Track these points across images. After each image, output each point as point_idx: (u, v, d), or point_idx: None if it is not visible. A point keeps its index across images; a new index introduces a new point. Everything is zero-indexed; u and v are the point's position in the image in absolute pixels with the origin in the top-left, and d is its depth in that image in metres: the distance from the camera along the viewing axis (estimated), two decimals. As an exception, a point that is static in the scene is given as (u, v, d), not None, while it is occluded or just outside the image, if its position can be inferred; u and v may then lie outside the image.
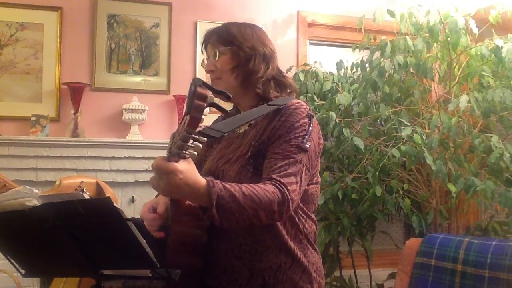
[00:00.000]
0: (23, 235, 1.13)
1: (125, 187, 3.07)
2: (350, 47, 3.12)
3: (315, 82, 2.99)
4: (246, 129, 1.38)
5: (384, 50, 2.72)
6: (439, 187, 2.73)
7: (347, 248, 3.12)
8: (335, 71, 3.10)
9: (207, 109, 1.06)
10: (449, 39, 2.65)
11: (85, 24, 3.22)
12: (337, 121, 2.68)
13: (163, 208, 1.27)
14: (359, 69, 2.95)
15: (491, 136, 2.37)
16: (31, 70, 3.11)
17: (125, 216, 1.02)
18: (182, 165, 1.05)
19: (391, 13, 2.82)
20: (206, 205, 1.11)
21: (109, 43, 3.25)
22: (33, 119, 3.00)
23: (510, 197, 2.32)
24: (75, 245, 1.08)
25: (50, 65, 3.13)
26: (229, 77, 1.36)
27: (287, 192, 1.17)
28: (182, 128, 1.01)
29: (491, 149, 2.33)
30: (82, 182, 1.92)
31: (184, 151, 1.03)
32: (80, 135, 3.05)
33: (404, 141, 2.46)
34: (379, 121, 2.99)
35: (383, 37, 2.82)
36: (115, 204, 1.00)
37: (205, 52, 1.43)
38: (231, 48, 1.36)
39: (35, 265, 1.20)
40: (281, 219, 1.22)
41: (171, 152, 1.04)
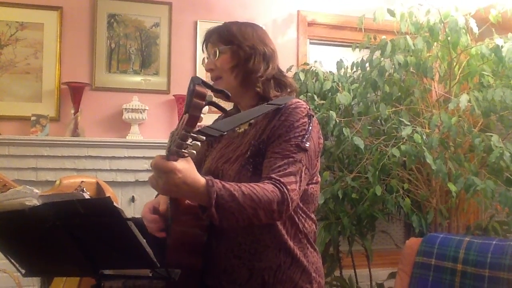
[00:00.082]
0: (23, 235, 1.13)
1: (125, 187, 3.07)
2: (350, 46, 3.11)
3: (315, 81, 2.99)
4: (246, 128, 1.38)
5: (384, 50, 2.72)
6: (439, 186, 2.73)
7: (347, 247, 3.11)
8: (335, 70, 3.10)
9: (206, 108, 1.05)
10: (449, 38, 2.64)
11: (85, 23, 3.22)
12: (337, 121, 2.68)
13: (165, 206, 1.26)
14: (359, 68, 2.95)
15: (491, 136, 2.37)
16: (31, 70, 3.11)
17: (125, 216, 1.02)
18: (180, 164, 1.05)
19: (391, 13, 2.81)
20: (205, 204, 1.11)
21: (109, 42, 3.25)
22: (33, 119, 3.00)
23: (510, 196, 2.32)
24: (75, 244, 1.08)
25: (50, 64, 3.13)
26: (229, 76, 1.36)
27: (286, 192, 1.17)
28: (180, 126, 1.01)
29: (491, 148, 2.32)
30: (82, 182, 1.92)
31: (183, 150, 1.02)
32: (80, 134, 3.05)
33: (404, 140, 2.46)
34: (379, 120, 2.98)
35: (383, 37, 2.82)
36: (115, 204, 1.00)
37: (206, 51, 1.43)
38: (231, 47, 1.36)
39: (35, 265, 1.20)
40: (280, 218, 1.22)
41: (170, 150, 1.04)
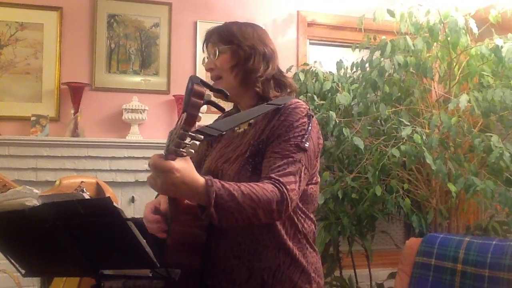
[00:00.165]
0: (23, 235, 1.13)
1: (125, 187, 3.07)
2: (350, 47, 3.11)
3: (315, 81, 2.99)
4: (245, 128, 1.38)
5: (384, 50, 2.72)
6: (439, 186, 2.73)
7: (347, 247, 3.11)
8: (335, 70, 3.10)
9: (204, 107, 1.05)
10: (449, 38, 2.64)
11: (85, 24, 3.22)
12: (337, 121, 2.68)
13: (165, 205, 1.26)
14: (359, 68, 2.95)
15: (491, 136, 2.37)
16: (31, 70, 3.11)
17: (125, 216, 1.01)
18: (179, 163, 1.05)
19: (391, 13, 2.82)
20: (204, 204, 1.11)
21: (109, 42, 3.25)
22: (33, 119, 3.00)
23: (510, 196, 2.32)
24: (75, 245, 1.08)
25: (50, 65, 3.13)
26: (228, 76, 1.36)
27: (286, 192, 1.17)
28: (179, 125, 1.01)
29: (491, 148, 2.32)
30: (82, 182, 1.92)
31: (182, 149, 1.02)
32: (80, 135, 3.05)
33: (404, 140, 2.46)
34: (379, 120, 2.98)
35: (383, 37, 2.82)
36: (115, 204, 1.00)
37: (206, 50, 1.43)
38: (231, 47, 1.36)
39: (35, 265, 1.20)
40: (280, 218, 1.22)
41: (168, 149, 1.04)
